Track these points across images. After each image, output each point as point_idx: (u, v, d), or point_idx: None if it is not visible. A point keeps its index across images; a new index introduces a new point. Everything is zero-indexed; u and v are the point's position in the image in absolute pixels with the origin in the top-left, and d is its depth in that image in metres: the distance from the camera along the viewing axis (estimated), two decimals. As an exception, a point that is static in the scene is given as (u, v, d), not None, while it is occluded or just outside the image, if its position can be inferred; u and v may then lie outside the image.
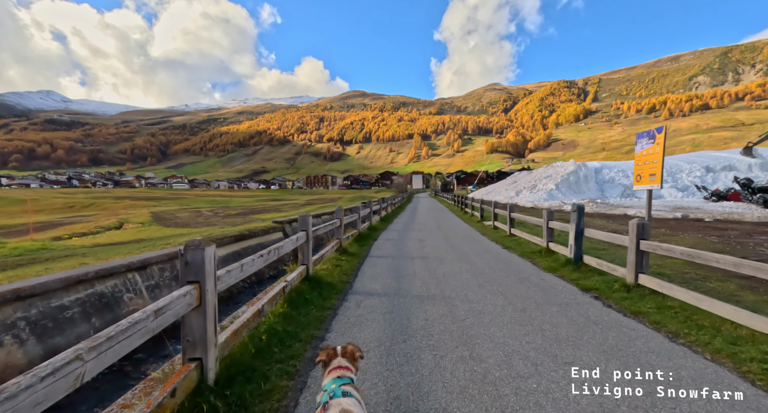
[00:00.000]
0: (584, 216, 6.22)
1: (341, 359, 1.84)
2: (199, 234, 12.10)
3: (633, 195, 29.26)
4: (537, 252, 7.69)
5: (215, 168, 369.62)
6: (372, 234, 11.71)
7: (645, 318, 3.80)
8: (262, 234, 10.18)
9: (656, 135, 5.15)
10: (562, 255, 6.77)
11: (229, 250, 9.74)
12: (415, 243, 9.72)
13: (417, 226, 14.56)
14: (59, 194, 79.33)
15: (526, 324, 3.67)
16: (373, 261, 7.29)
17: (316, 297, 4.54)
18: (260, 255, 3.34)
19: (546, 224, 7.62)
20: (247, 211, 30.60)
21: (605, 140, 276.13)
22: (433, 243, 9.82)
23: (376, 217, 15.50)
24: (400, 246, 9.39)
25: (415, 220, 17.45)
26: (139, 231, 20.61)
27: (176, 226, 18.72)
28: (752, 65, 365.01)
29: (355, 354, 1.89)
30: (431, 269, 6.36)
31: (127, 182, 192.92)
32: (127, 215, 31.75)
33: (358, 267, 6.66)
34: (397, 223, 16.02)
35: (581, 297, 4.65)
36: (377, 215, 16.25)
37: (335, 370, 1.77)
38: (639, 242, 4.67)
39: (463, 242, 9.92)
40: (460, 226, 14.44)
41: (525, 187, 35.02)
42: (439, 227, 14.25)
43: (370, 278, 5.78)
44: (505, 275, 5.84)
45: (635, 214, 19.50)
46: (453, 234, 11.70)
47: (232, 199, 70.45)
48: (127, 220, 25.50)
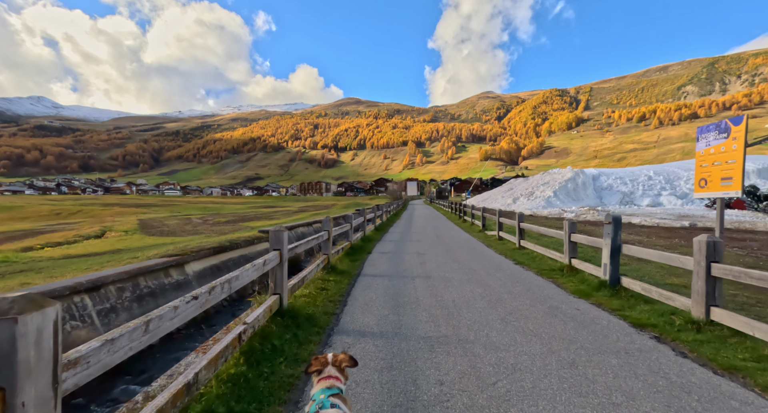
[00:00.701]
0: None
1: (331, 368, 1.82)
2: (183, 244, 10.90)
3: (632, 202, 28.63)
4: (557, 271, 6.59)
5: (208, 174, 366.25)
6: (365, 246, 10.56)
7: (748, 379, 2.70)
8: (245, 245, 9.07)
9: (731, 127, 4.09)
10: (591, 276, 5.68)
11: (207, 264, 8.54)
12: (415, 258, 8.59)
13: (415, 236, 13.52)
14: (46, 201, 76.98)
15: (586, 392, 2.53)
16: (366, 281, 6.12)
17: (288, 342, 3.37)
18: (193, 298, 2.19)
19: (567, 237, 6.54)
20: (238, 219, 29.28)
21: (597, 148, 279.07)
22: (434, 257, 8.70)
23: (370, 226, 14.42)
24: (397, 261, 8.25)
25: (412, 229, 16.37)
26: (120, 240, 19.26)
27: (161, 235, 17.40)
28: (738, 76, 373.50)
29: (343, 365, 1.85)
30: (437, 294, 5.22)
31: (118, 189, 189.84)
32: (113, 223, 30.27)
33: (348, 291, 5.48)
34: (392, 233, 14.92)
35: (639, 338, 3.53)
36: (371, 224, 15.15)
37: (325, 380, 1.75)
38: (710, 266, 3.59)
39: (468, 256, 8.81)
40: (461, 236, 13.39)
41: (522, 194, 34.20)
42: (438, 237, 13.19)
43: (363, 308, 4.62)
44: (529, 303, 4.72)
45: (640, 223, 18.62)
46: (455, 246, 10.60)
47: (225, 206, 68.92)
48: (111, 228, 24.07)
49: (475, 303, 4.71)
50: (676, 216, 21.38)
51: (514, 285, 5.68)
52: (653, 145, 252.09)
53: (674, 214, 22.19)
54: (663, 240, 12.21)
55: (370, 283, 5.96)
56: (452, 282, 5.99)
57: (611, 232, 5.06)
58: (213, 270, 8.37)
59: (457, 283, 5.88)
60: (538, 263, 7.45)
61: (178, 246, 10.13)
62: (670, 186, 29.75)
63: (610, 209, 25.99)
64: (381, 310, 4.51)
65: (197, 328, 6.85)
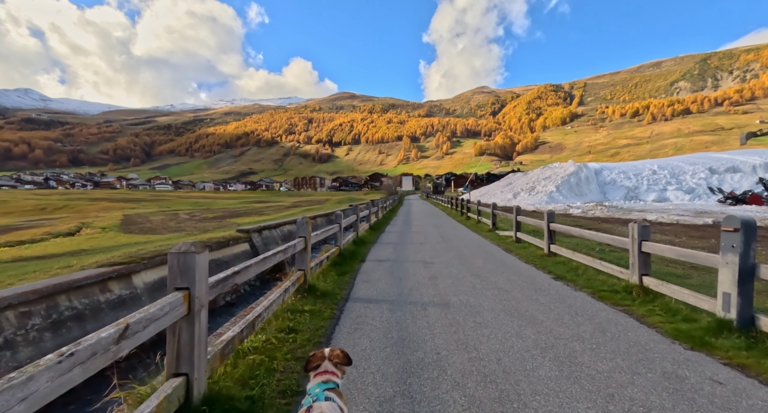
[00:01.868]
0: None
1: (328, 363, 1.84)
2: (158, 243, 9.16)
3: (636, 198, 27.21)
4: (622, 292, 4.75)
5: (201, 169, 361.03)
6: (358, 250, 8.73)
7: None
8: (218, 247, 7.47)
9: None
10: (685, 306, 3.89)
11: (164, 273, 6.80)
12: (421, 269, 6.73)
13: (416, 237, 11.67)
14: (33, 195, 74.13)
15: None
16: (356, 313, 4.20)
17: None
18: None
19: (637, 246, 4.69)
20: (227, 214, 27.28)
21: (591, 143, 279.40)
22: (446, 267, 6.85)
23: (364, 225, 12.59)
24: (399, 274, 6.37)
25: (412, 229, 14.47)
26: (90, 238, 17.24)
27: (140, 232, 15.37)
28: (730, 72, 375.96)
29: (335, 361, 1.87)
30: (467, 342, 3.33)
31: (108, 183, 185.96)
32: (96, 218, 28.13)
33: (329, 334, 3.61)
34: (390, 233, 13.02)
35: None
36: (365, 222, 13.37)
37: (321, 375, 1.77)
38: None
39: (488, 266, 6.93)
40: (471, 238, 11.57)
41: (522, 188, 32.53)
42: (444, 238, 11.35)
43: (349, 377, 2.74)
44: (625, 363, 2.84)
45: (657, 220, 16.92)
46: (468, 252, 8.76)
47: (216, 200, 66.79)
48: (90, 225, 22.00)
49: (535, 366, 2.83)
50: (692, 212, 19.80)
51: (576, 322, 3.80)
52: (646, 140, 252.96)
53: (690, 210, 20.62)
54: (697, 240, 10.54)
55: (361, 317, 4.04)
56: (482, 314, 4.11)
57: (740, 245, 3.23)
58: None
59: (490, 317, 4.00)
60: (586, 279, 5.59)
61: (147, 247, 8.29)
62: (675, 180, 28.48)
63: (619, 204, 24.38)
64: (382, 386, 2.61)
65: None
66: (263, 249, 9.34)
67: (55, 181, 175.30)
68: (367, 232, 12.21)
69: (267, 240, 10.07)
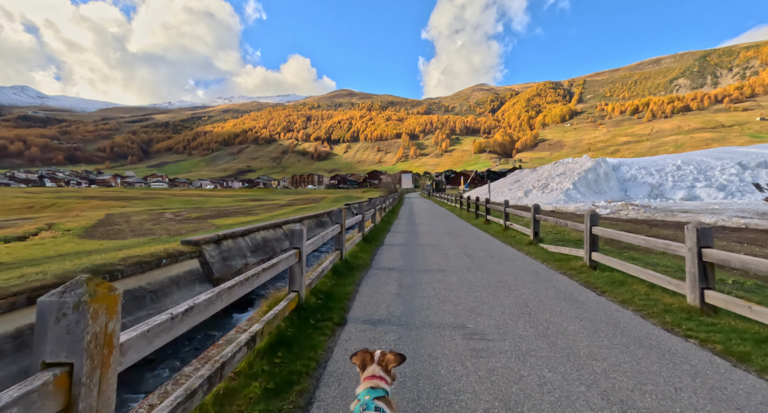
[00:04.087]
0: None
1: (376, 367, 1.74)
2: (103, 255, 7.84)
3: (662, 195, 25.64)
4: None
5: (199, 167, 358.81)
6: (336, 294, 5.18)
7: None
8: (138, 272, 5.29)
9: None
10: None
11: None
12: (466, 361, 3.17)
13: (431, 257, 8.20)
14: (22, 193, 72.80)
15: None
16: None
17: None
18: None
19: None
20: (214, 214, 26.19)
21: (591, 140, 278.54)
22: (516, 350, 3.38)
23: (353, 238, 9.12)
24: (420, 388, 2.78)
25: (421, 239, 11.15)
26: (32, 245, 15.26)
27: (102, 237, 14.09)
28: (729, 69, 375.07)
29: (390, 366, 1.78)
30: None
31: (104, 181, 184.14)
32: (72, 218, 26.96)
33: None
34: (391, 248, 9.48)
35: None
36: (358, 231, 10.10)
37: (369, 379, 1.70)
38: None
39: (603, 344, 3.52)
40: (511, 256, 8.10)
41: (534, 186, 30.98)
42: (473, 259, 7.90)
43: None
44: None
45: (716, 223, 14.06)
46: (532, 297, 5.18)
47: (210, 199, 65.63)
48: (57, 226, 20.71)
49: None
50: (752, 213, 16.95)
51: None
52: (646, 137, 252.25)
53: (750, 211, 17.91)
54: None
55: None
56: None
57: None
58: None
59: None
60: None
61: (51, 267, 6.70)
62: (703, 177, 27.09)
63: (649, 203, 22.60)
64: None
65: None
66: (221, 265, 7.26)
67: (50, 178, 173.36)
68: (359, 247, 8.70)
69: (229, 253, 7.80)
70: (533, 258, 7.95)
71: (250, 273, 2.76)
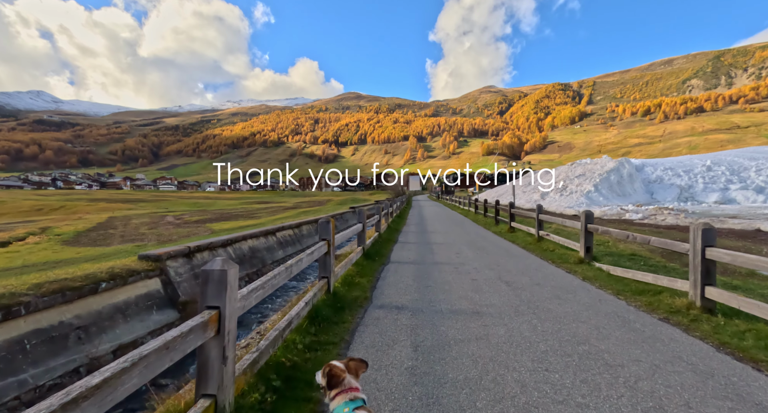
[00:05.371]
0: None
1: (350, 379, 1.71)
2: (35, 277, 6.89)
3: (692, 198, 23.97)
4: None
5: (208, 169, 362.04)
6: (330, 329, 4.11)
7: None
8: (59, 303, 3.84)
9: None
10: None
11: None
12: None
13: (454, 282, 6.22)
14: (33, 195, 73.62)
15: None
16: None
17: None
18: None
19: None
20: (216, 217, 25.40)
21: (601, 142, 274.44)
22: None
23: (354, 253, 7.09)
24: None
25: (435, 251, 9.38)
26: (5, 253, 14.11)
27: (89, 243, 13.07)
28: (744, 69, 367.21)
29: (359, 371, 1.80)
30: None
31: (114, 184, 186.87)
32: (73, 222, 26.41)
33: None
34: (400, 266, 7.47)
35: None
36: (359, 245, 8.05)
37: (345, 392, 1.64)
38: None
39: None
40: (567, 286, 5.93)
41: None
42: (511, 285, 6.00)
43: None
44: None
45: None
46: (675, 400, 2.66)
47: (216, 201, 65.42)
48: (52, 230, 19.87)
49: None
50: None
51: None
52: (659, 139, 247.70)
53: None
54: None
55: None
56: None
57: None
58: None
59: None
60: None
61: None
62: (737, 178, 25.36)
63: (675, 207, 20.96)
64: None
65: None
66: (191, 284, 5.76)
67: (63, 181, 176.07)
68: (357, 268, 6.65)
69: (197, 267, 6.17)
70: (598, 287, 5.74)
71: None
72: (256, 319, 6.67)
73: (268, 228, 8.14)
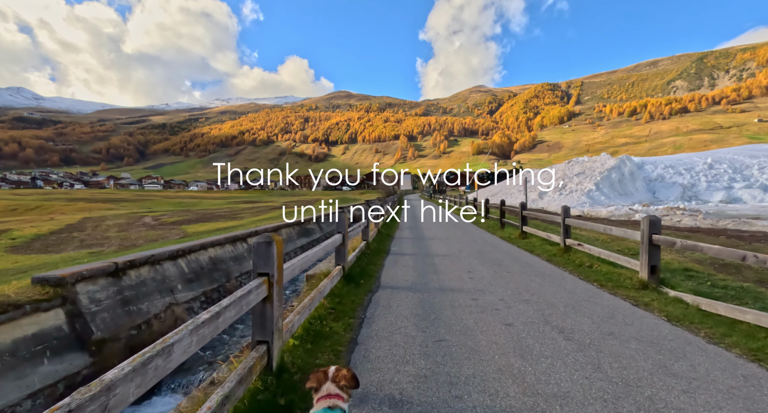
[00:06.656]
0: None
1: (331, 385, 1.66)
2: None
3: (696, 197, 23.42)
4: None
5: (196, 168, 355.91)
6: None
7: None
8: None
9: None
10: None
11: None
12: None
13: (480, 334, 3.79)
14: (9, 195, 70.53)
15: None
16: None
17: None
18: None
19: None
20: (196, 218, 23.93)
21: (589, 142, 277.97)
22: None
23: (328, 279, 4.83)
24: None
25: (440, 270, 7.12)
26: None
27: (41, 250, 11.56)
28: (726, 71, 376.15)
29: (342, 383, 1.70)
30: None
31: (98, 183, 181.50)
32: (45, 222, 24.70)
33: None
34: (393, 295, 5.34)
35: None
36: (339, 264, 5.85)
37: (325, 399, 1.60)
38: None
39: None
40: (655, 338, 3.59)
41: (549, 187, 28.85)
42: (569, 336, 3.63)
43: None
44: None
45: None
46: None
47: (202, 201, 63.37)
48: (11, 232, 18.16)
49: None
50: None
51: None
52: (645, 139, 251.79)
53: None
54: None
55: None
56: None
57: None
58: None
59: None
60: None
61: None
62: (741, 176, 25.03)
63: (698, 208, 19.85)
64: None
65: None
66: (113, 315, 4.36)
67: (43, 180, 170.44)
68: (331, 302, 4.65)
69: (137, 290, 4.82)
70: (710, 340, 3.54)
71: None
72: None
73: (237, 233, 6.74)
